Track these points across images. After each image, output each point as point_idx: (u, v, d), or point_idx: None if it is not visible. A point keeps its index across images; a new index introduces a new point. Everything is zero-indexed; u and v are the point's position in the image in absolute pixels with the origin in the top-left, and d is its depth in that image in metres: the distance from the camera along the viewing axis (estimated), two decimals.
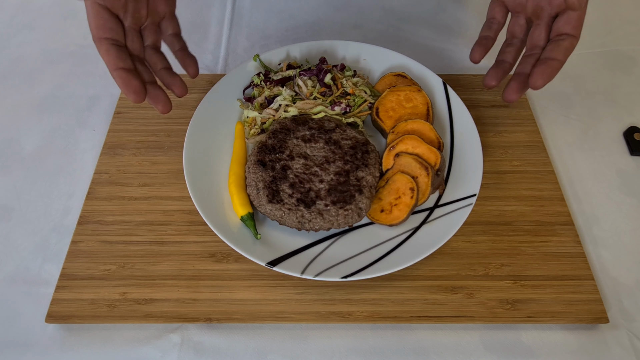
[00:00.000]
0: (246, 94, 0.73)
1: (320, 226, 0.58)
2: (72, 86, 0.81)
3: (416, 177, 0.61)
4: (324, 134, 0.65)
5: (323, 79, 0.71)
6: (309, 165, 0.61)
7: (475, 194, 0.61)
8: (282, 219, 0.58)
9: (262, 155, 0.62)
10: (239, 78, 0.74)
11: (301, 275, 0.55)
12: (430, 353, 0.56)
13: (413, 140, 0.63)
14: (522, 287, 0.59)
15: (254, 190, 0.60)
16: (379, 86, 0.73)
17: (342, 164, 0.61)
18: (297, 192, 0.59)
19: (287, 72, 0.72)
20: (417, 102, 0.68)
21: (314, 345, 0.56)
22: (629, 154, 0.73)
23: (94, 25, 0.55)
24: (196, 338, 0.57)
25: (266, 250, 0.58)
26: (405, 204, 0.59)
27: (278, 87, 0.70)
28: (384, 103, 0.69)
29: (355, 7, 0.93)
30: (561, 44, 0.59)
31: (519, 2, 0.64)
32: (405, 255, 0.57)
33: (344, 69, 0.73)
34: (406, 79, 0.72)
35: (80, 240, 0.62)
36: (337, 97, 0.70)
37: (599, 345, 0.56)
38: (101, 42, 0.55)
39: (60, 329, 0.57)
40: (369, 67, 0.77)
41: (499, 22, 0.67)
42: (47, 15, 0.92)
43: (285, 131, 0.65)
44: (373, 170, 0.62)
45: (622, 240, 0.64)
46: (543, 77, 0.59)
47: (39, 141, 0.74)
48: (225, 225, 0.59)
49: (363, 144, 0.64)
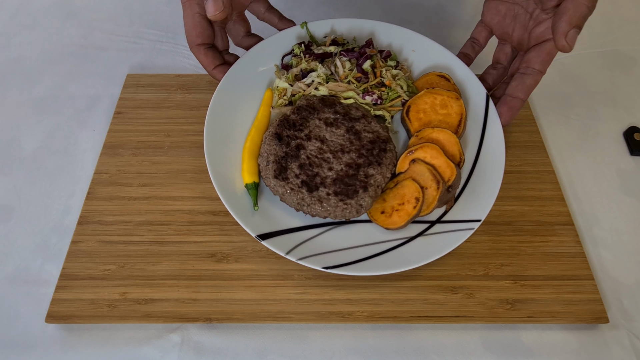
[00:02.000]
0: (284, 62, 0.72)
1: (317, 213, 0.57)
2: (72, 86, 0.81)
3: (425, 188, 0.59)
4: (348, 121, 0.63)
5: (362, 64, 0.68)
6: (323, 150, 0.61)
7: (481, 220, 0.58)
8: (283, 196, 0.58)
9: (281, 129, 0.62)
10: (282, 43, 0.72)
11: (285, 255, 0.55)
12: (430, 353, 0.56)
13: (433, 150, 0.61)
14: (522, 287, 0.59)
15: (264, 161, 0.60)
16: (418, 83, 0.69)
17: (356, 157, 0.60)
18: (304, 174, 0.59)
19: (329, 48, 0.69)
20: (451, 110, 0.65)
21: (314, 345, 0.56)
22: (629, 154, 0.73)
23: (195, 34, 0.63)
24: (196, 338, 0.57)
25: (260, 222, 0.58)
26: (407, 212, 0.58)
27: (316, 62, 0.68)
28: (417, 103, 0.66)
29: (356, 7, 0.93)
30: (525, 80, 0.62)
31: (505, 32, 0.67)
32: (392, 262, 0.56)
33: (389, 58, 0.70)
34: (448, 82, 0.68)
35: (80, 240, 0.62)
36: (371, 86, 0.67)
37: (599, 345, 0.57)
38: (199, 48, 0.64)
39: (60, 329, 0.57)
40: (414, 59, 0.72)
41: (481, 45, 0.71)
42: (47, 15, 0.92)
43: (310, 109, 0.64)
44: (385, 171, 0.60)
45: (622, 240, 0.64)
46: (505, 117, 0.63)
47: (39, 141, 0.74)
48: (229, 189, 0.59)
49: (383, 141, 0.62)
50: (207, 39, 0.64)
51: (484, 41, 0.71)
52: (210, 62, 0.65)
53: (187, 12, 0.62)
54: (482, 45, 0.71)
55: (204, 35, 0.63)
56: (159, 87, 0.77)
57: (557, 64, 0.84)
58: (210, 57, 0.65)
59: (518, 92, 0.62)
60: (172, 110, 0.75)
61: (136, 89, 0.77)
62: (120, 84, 0.79)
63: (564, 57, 0.84)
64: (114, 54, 0.85)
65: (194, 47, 0.64)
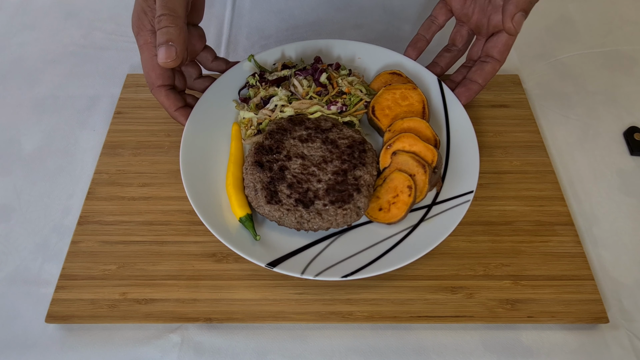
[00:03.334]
0: (242, 95, 0.73)
1: (319, 226, 0.58)
2: (72, 86, 0.81)
3: (413, 175, 0.61)
4: (321, 133, 0.64)
5: (319, 78, 0.70)
6: (306, 165, 0.61)
7: (473, 190, 0.60)
8: (280, 220, 0.58)
9: (260, 156, 0.62)
10: (235, 79, 0.73)
11: (301, 275, 0.55)
12: (430, 353, 0.56)
13: (410, 138, 0.63)
14: (522, 287, 0.59)
15: (252, 191, 0.60)
16: (374, 85, 0.73)
17: (339, 164, 0.61)
18: (296, 193, 0.59)
19: (282, 72, 0.72)
20: (412, 100, 0.68)
21: (314, 345, 0.56)
22: (629, 154, 0.73)
23: (155, 76, 0.62)
24: (196, 338, 0.57)
25: (266, 251, 0.58)
26: (404, 202, 0.59)
27: (274, 88, 0.70)
28: (380, 101, 0.69)
29: (356, 7, 0.94)
30: (484, 67, 0.67)
31: (464, 13, 0.70)
32: (405, 253, 0.57)
33: (339, 68, 0.73)
34: (401, 77, 0.71)
35: (80, 240, 0.62)
36: (333, 96, 0.70)
37: (599, 345, 0.57)
38: (160, 89, 0.63)
39: (60, 329, 0.57)
40: (364, 65, 0.76)
41: (439, 25, 0.73)
42: (47, 15, 0.92)
43: (282, 131, 0.65)
44: (370, 169, 0.62)
45: (622, 240, 0.64)
46: (464, 98, 0.69)
47: (39, 141, 0.74)
48: (223, 227, 0.59)
49: (360, 142, 0.64)
50: (168, 80, 0.63)
51: (442, 21, 0.73)
52: (171, 104, 0.64)
53: (145, 54, 0.61)
54: (441, 24, 0.73)
55: (164, 77, 0.62)
56: None
57: (557, 63, 0.84)
58: (171, 99, 0.64)
59: (477, 77, 0.68)
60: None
61: (136, 89, 0.77)
62: (120, 84, 0.79)
63: (564, 57, 0.84)
64: (114, 54, 0.85)
65: (155, 89, 0.63)
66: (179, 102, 0.65)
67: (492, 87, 0.78)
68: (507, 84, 0.79)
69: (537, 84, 0.81)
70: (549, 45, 0.87)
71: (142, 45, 0.61)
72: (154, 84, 0.62)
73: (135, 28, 0.61)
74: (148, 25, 0.60)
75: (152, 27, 0.59)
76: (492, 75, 0.68)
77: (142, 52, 0.61)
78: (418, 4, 0.94)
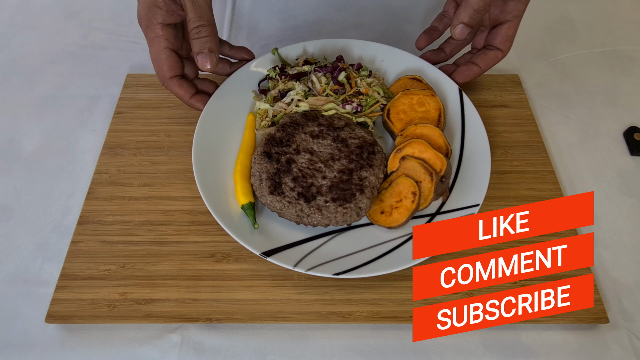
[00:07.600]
0: (261, 86, 0.74)
1: (318, 221, 0.58)
2: (72, 86, 0.81)
3: (420, 181, 0.60)
4: (333, 131, 0.65)
5: (337, 76, 0.71)
6: (313, 161, 0.62)
7: (478, 204, 0.60)
8: (281, 211, 0.58)
9: (269, 147, 0.63)
10: (256, 70, 0.74)
11: (293, 268, 0.55)
12: (430, 353, 0.56)
13: (420, 145, 0.63)
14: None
15: (257, 180, 0.61)
16: (393, 88, 0.73)
17: (346, 163, 0.61)
18: (299, 186, 0.59)
19: (303, 68, 0.73)
20: (429, 106, 0.68)
21: (314, 345, 0.56)
22: (629, 154, 0.73)
23: (166, 68, 0.64)
24: (196, 338, 0.57)
25: (263, 241, 0.58)
26: (406, 208, 0.59)
27: (292, 82, 0.71)
28: (396, 105, 0.69)
29: (356, 7, 0.94)
30: (488, 53, 0.71)
31: None
32: (400, 259, 0.56)
33: (360, 69, 0.73)
34: (421, 83, 0.71)
35: (80, 240, 0.62)
36: (349, 95, 0.70)
37: (599, 345, 0.57)
38: (172, 80, 0.65)
39: (60, 329, 0.57)
40: (385, 68, 0.76)
41: (450, 17, 0.75)
42: (47, 15, 0.92)
43: (295, 125, 0.65)
44: (377, 172, 0.61)
45: (622, 240, 0.64)
46: (462, 76, 0.72)
47: (39, 141, 0.74)
48: (225, 212, 0.59)
49: (370, 144, 0.64)
50: (179, 70, 0.65)
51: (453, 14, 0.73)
52: (185, 92, 0.66)
53: (155, 48, 0.62)
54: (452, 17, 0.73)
55: (175, 68, 0.64)
56: (159, 87, 0.76)
57: (557, 63, 0.84)
58: (185, 88, 0.66)
59: (479, 61, 0.71)
60: (172, 110, 0.75)
61: (136, 89, 0.77)
62: (120, 84, 0.79)
63: (564, 57, 0.84)
64: (114, 54, 0.85)
65: (167, 80, 0.65)
66: (192, 90, 0.67)
67: (492, 87, 0.78)
68: (507, 84, 0.79)
69: (537, 84, 0.81)
70: (549, 45, 0.87)
71: (153, 38, 0.62)
72: (166, 77, 0.64)
73: (144, 21, 0.62)
74: (159, 19, 0.61)
75: (163, 20, 0.61)
76: (494, 62, 0.71)
77: (152, 45, 0.62)
78: (418, 4, 0.94)
